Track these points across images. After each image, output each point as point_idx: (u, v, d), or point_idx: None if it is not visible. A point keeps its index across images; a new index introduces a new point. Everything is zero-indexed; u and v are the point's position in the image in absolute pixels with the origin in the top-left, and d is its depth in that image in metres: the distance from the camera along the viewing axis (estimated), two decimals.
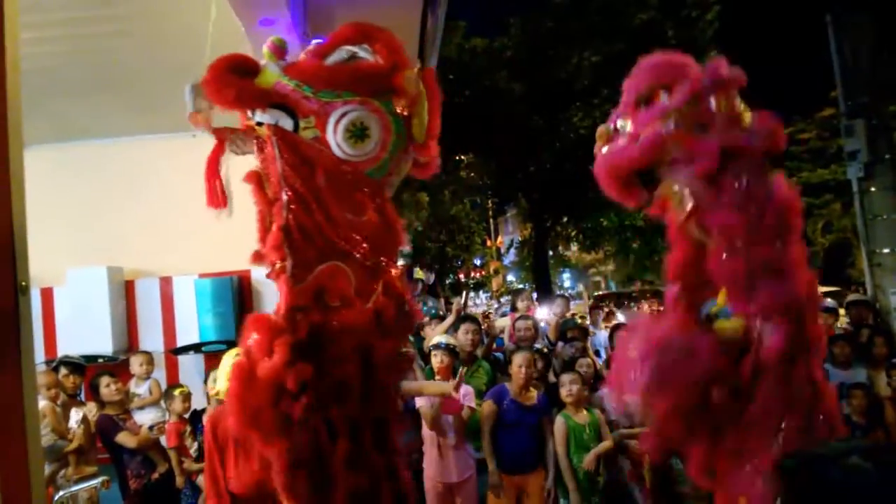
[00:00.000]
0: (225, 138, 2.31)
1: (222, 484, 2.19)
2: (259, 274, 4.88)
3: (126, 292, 6.26)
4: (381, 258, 2.31)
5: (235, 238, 2.43)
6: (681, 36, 16.07)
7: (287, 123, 2.20)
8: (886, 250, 7.01)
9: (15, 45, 1.21)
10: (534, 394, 4.59)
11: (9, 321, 1.06)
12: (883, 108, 7.41)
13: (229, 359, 3.10)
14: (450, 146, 17.36)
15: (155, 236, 6.00)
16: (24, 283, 1.07)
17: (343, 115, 2.18)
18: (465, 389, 4.53)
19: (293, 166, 2.19)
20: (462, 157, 19.64)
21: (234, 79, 2.18)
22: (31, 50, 4.20)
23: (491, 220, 29.20)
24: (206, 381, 4.47)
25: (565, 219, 18.44)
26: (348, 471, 2.13)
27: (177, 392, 4.70)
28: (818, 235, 25.58)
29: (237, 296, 6.14)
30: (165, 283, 6.21)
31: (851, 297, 7.92)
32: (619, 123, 2.70)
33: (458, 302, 5.83)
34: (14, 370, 1.09)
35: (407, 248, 2.56)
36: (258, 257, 2.26)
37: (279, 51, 2.26)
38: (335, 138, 2.18)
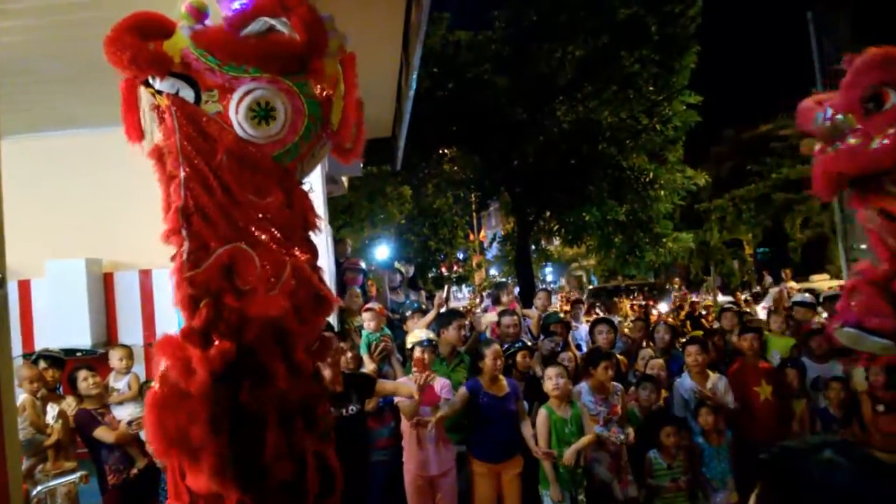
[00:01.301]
0: (138, 83, 2.14)
1: (181, 484, 2.14)
2: None
3: (105, 285, 6.19)
4: (288, 242, 2.19)
5: None
6: (664, 31, 16.15)
7: (188, 94, 2.05)
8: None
9: None
10: (503, 382, 4.65)
11: None
12: None
13: None
14: (433, 139, 17.33)
15: (135, 228, 5.92)
16: (0, 276, 1.04)
17: (247, 92, 2.03)
18: (443, 382, 4.58)
19: (192, 140, 2.04)
20: (445, 150, 19.61)
21: (133, 41, 2.02)
22: (8, 39, 4.13)
23: (474, 214, 29.20)
24: None
25: (548, 213, 18.50)
26: (279, 461, 2.06)
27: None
28: (797, 231, 25.91)
29: None
30: (145, 275, 6.15)
31: (829, 292, 8.02)
32: (840, 119, 2.71)
33: (439, 296, 5.84)
34: None
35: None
36: (164, 236, 2.12)
37: (197, 13, 2.11)
38: (237, 117, 2.04)
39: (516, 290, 14.90)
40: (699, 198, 23.64)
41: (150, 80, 2.09)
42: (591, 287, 24.48)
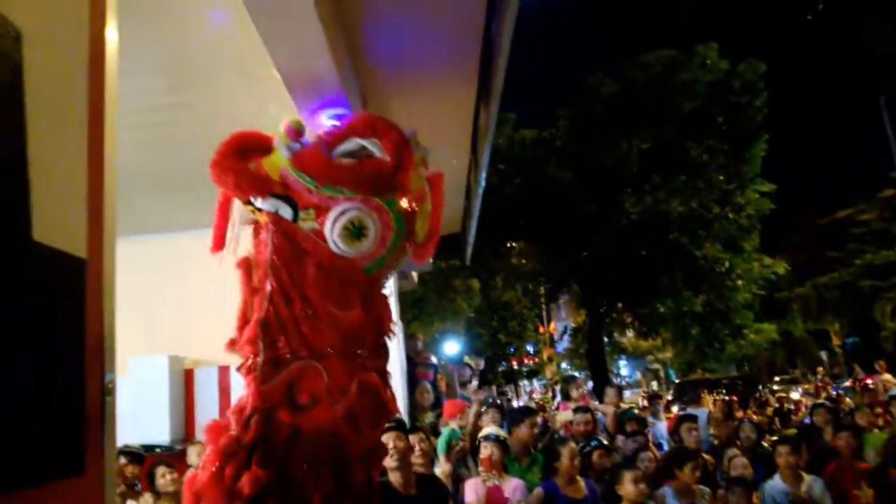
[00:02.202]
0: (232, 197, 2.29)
1: None
2: None
3: (185, 381, 6.37)
4: (359, 351, 2.24)
5: None
6: (730, 122, 16.14)
7: (286, 212, 2.17)
8: None
9: (113, 144, 1.28)
10: (581, 484, 4.44)
11: (96, 423, 1.09)
12: None
13: None
14: (501, 233, 17.52)
15: (215, 325, 6.12)
16: (110, 385, 1.11)
17: (342, 212, 2.14)
18: (516, 483, 4.39)
19: (284, 256, 2.15)
20: (513, 243, 19.75)
21: (236, 163, 2.16)
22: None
23: (543, 307, 28.98)
24: None
25: (620, 305, 18.16)
26: None
27: None
28: (888, 320, 24.46)
29: None
30: (224, 372, 6.30)
31: None
32: None
33: (476, 392, 5.71)
34: (98, 474, 1.10)
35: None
36: (232, 346, 2.22)
37: (295, 133, 2.25)
38: (332, 235, 2.14)
39: (589, 384, 14.48)
40: (779, 287, 22.81)
41: (252, 199, 2.24)
42: (677, 381, 23.37)
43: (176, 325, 6.32)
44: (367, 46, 3.95)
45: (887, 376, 12.44)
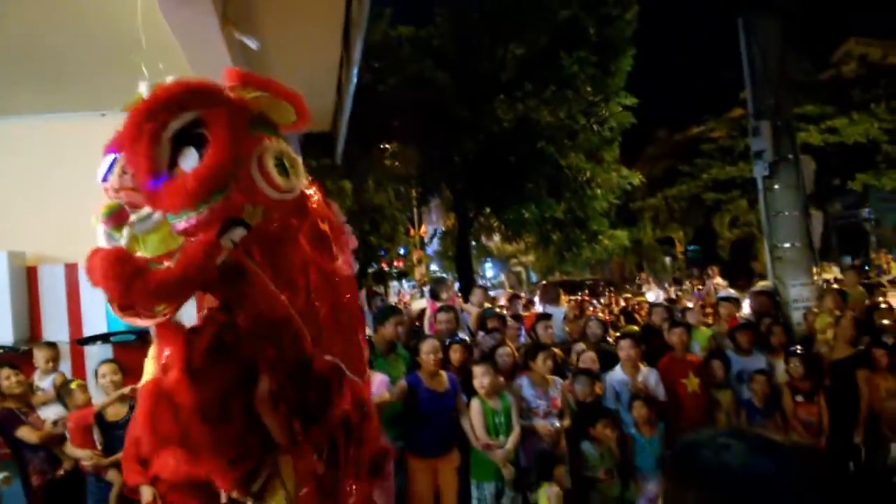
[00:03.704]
0: None
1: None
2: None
3: (28, 279, 5.92)
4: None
5: None
6: (602, 33, 16.47)
7: (239, 232, 1.84)
8: (787, 245, 7.43)
9: None
10: (443, 377, 4.70)
11: None
12: (787, 109, 7.83)
13: None
14: (374, 134, 17.23)
15: (60, 220, 5.69)
16: None
17: (260, 164, 1.85)
18: (381, 378, 4.57)
19: (286, 256, 2.02)
20: (386, 145, 19.53)
21: (141, 289, 1.72)
22: None
23: (415, 210, 29.22)
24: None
25: (487, 210, 18.64)
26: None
27: (74, 385, 4.57)
28: (725, 230, 26.93)
29: None
30: (71, 269, 5.90)
31: (755, 287, 8.35)
32: None
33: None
34: None
35: None
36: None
37: (118, 217, 1.94)
38: (283, 189, 1.89)
39: (457, 285, 14.98)
40: (633, 197, 24.30)
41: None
42: (544, 282, 24.76)
43: (17, 218, 5.81)
44: None
45: (719, 280, 13.82)
